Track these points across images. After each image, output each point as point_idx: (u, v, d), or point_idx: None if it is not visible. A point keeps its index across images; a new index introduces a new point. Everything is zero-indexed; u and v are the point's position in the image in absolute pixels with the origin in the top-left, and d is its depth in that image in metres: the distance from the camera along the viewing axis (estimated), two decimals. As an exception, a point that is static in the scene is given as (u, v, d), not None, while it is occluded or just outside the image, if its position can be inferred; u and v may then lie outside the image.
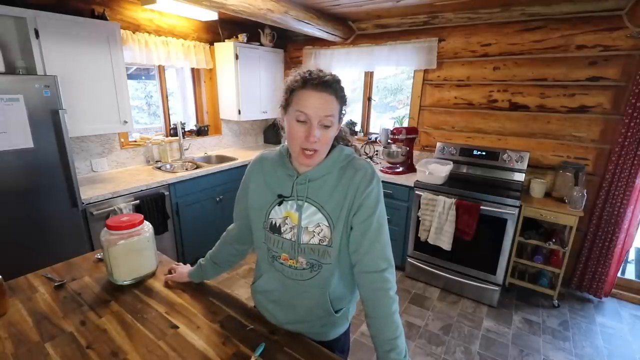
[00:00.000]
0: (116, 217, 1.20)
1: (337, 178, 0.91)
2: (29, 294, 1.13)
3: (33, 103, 1.80)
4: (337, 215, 0.90)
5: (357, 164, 0.92)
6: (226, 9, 2.14)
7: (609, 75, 2.38)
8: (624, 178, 2.34)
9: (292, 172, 0.93)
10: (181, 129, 3.19)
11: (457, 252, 2.56)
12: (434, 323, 2.37)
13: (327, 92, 0.82)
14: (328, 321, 1.00)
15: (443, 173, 2.62)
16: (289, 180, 0.93)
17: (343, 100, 0.88)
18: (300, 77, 0.84)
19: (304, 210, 0.91)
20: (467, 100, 2.95)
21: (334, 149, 0.93)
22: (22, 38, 1.99)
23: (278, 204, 0.94)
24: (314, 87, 0.82)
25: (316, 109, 0.82)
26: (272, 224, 0.95)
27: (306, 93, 0.82)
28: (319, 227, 0.91)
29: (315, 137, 0.82)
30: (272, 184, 0.96)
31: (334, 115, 0.84)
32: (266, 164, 1.00)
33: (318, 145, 0.84)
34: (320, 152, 0.87)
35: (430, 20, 2.92)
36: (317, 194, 0.91)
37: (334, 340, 1.05)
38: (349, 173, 0.90)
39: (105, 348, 0.91)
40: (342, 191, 0.89)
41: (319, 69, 0.85)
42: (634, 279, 2.78)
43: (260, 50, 3.49)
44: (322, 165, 0.91)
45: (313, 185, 0.91)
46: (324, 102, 0.82)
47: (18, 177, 1.81)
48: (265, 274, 1.04)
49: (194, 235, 2.86)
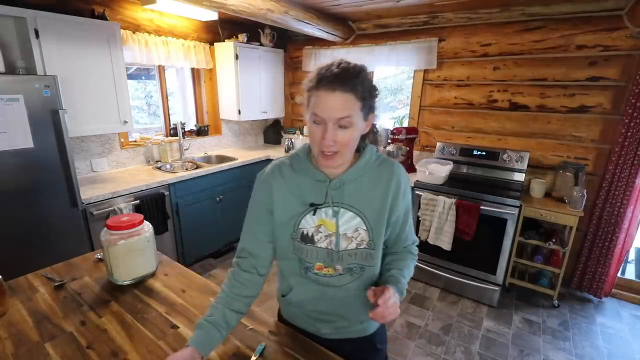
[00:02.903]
0: (116, 217, 1.20)
1: (372, 180, 0.87)
2: (29, 294, 1.13)
3: (33, 103, 1.80)
4: (376, 218, 0.87)
5: (391, 167, 0.89)
6: (226, 9, 2.14)
7: (609, 75, 2.38)
8: (624, 178, 2.34)
9: (322, 176, 0.86)
10: (181, 129, 3.19)
11: (457, 252, 2.56)
12: (434, 323, 2.37)
13: (342, 91, 0.74)
14: (366, 318, 0.94)
15: (443, 173, 2.62)
16: (320, 185, 0.86)
17: (367, 96, 0.79)
18: (316, 74, 0.77)
19: (340, 216, 0.86)
20: (467, 100, 2.95)
21: (366, 149, 0.88)
22: (22, 38, 1.99)
23: (312, 213, 0.87)
24: (327, 87, 0.74)
25: (330, 111, 0.75)
26: (302, 234, 0.88)
27: (319, 94, 0.76)
28: (357, 232, 0.87)
29: (329, 140, 0.76)
30: (299, 192, 0.88)
31: (352, 115, 0.76)
32: (286, 172, 0.90)
33: (336, 147, 0.78)
34: (342, 154, 0.81)
35: (430, 20, 2.92)
36: (354, 198, 0.86)
37: (374, 333, 1.03)
38: (385, 174, 0.88)
39: (105, 348, 0.91)
40: (381, 195, 0.87)
41: (340, 62, 0.77)
42: (634, 279, 2.78)
43: (260, 50, 3.49)
44: (356, 167, 0.86)
45: (348, 189, 0.86)
46: (339, 103, 0.74)
47: (18, 177, 1.81)
48: (298, 285, 0.95)
49: (194, 235, 2.86)
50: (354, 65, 0.77)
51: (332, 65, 0.76)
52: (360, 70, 0.77)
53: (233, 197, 3.14)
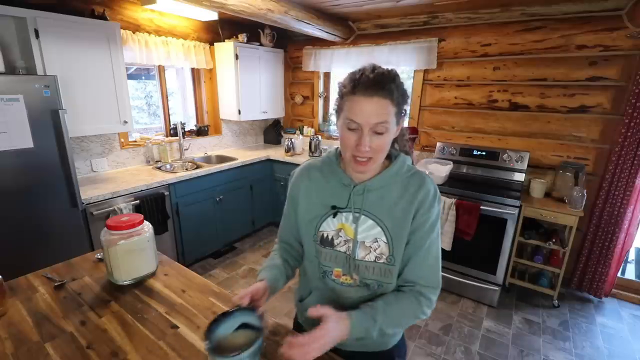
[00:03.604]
0: (116, 217, 1.20)
1: (399, 191, 0.84)
2: (29, 294, 1.13)
3: (33, 103, 1.80)
4: (397, 232, 0.83)
5: (421, 179, 0.85)
6: (226, 9, 2.14)
7: (609, 75, 2.38)
8: (624, 178, 2.34)
9: (348, 180, 0.86)
10: (181, 129, 3.19)
11: (457, 252, 2.55)
12: (434, 323, 2.37)
13: (379, 96, 0.73)
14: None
15: (443, 173, 2.62)
16: (345, 190, 0.86)
17: (401, 101, 0.78)
18: (350, 80, 0.77)
19: (360, 222, 0.85)
20: (467, 100, 2.95)
21: (397, 158, 0.86)
22: (22, 38, 1.99)
23: (332, 216, 0.87)
24: (364, 92, 0.73)
25: (367, 117, 0.74)
26: (322, 237, 0.89)
27: (355, 99, 0.74)
28: (376, 243, 0.85)
29: (366, 146, 0.75)
30: (323, 195, 0.89)
31: (388, 120, 0.75)
32: (314, 173, 0.92)
33: (371, 153, 0.77)
34: (376, 159, 0.80)
35: (430, 21, 2.92)
36: (376, 206, 0.84)
37: (395, 346, 0.99)
38: (413, 188, 0.83)
39: (105, 348, 0.91)
40: (405, 207, 0.83)
41: (374, 67, 0.76)
42: (634, 279, 2.78)
43: (260, 50, 3.49)
44: (382, 176, 0.84)
45: (372, 197, 0.84)
46: (376, 108, 0.73)
47: (18, 177, 1.81)
48: (316, 290, 0.96)
49: (194, 235, 2.86)
50: (390, 70, 0.77)
51: (367, 71, 0.75)
52: (396, 75, 0.77)
53: (233, 197, 3.15)
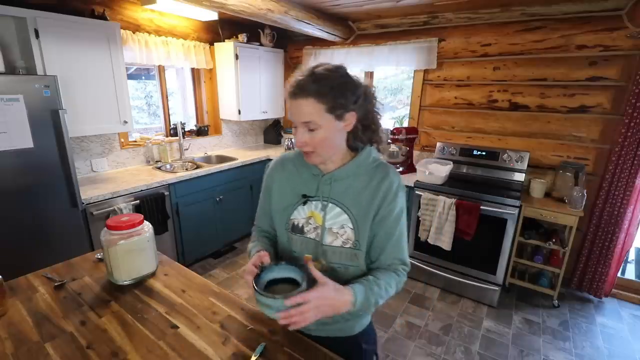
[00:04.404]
0: (116, 217, 1.20)
1: (364, 181, 0.90)
2: (29, 294, 1.13)
3: (33, 103, 1.80)
4: (362, 219, 0.89)
5: (386, 170, 0.91)
6: (226, 9, 2.14)
7: (609, 75, 2.38)
8: (624, 178, 2.34)
9: (317, 171, 0.93)
10: (181, 129, 3.19)
11: (457, 252, 2.56)
12: (434, 323, 2.37)
13: (301, 98, 0.80)
14: (351, 316, 0.98)
15: (443, 173, 2.62)
16: (314, 179, 0.93)
17: (332, 96, 0.80)
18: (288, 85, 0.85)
19: (328, 210, 0.91)
20: (467, 100, 2.95)
21: (363, 150, 0.91)
22: (22, 38, 1.99)
23: (302, 204, 0.93)
24: (290, 96, 0.83)
25: (296, 116, 0.83)
26: (294, 225, 0.95)
27: (288, 102, 0.84)
28: (342, 229, 0.90)
29: (299, 142, 0.84)
30: (295, 185, 0.96)
31: (315, 119, 0.81)
32: (288, 165, 0.99)
33: (309, 147, 0.85)
34: (319, 152, 0.86)
35: (430, 21, 2.92)
36: (343, 195, 0.90)
37: (361, 332, 1.03)
38: (377, 179, 0.89)
39: (105, 348, 0.91)
40: (369, 195, 0.89)
41: (309, 68, 0.83)
42: (634, 279, 2.78)
43: (260, 50, 3.49)
44: (348, 166, 0.90)
45: (338, 186, 0.91)
46: (299, 108, 0.81)
47: (18, 177, 1.81)
48: None
49: (194, 235, 2.86)
50: (322, 70, 0.82)
51: (297, 75, 0.83)
52: (322, 76, 0.81)
53: (233, 197, 3.14)
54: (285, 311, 0.75)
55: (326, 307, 0.78)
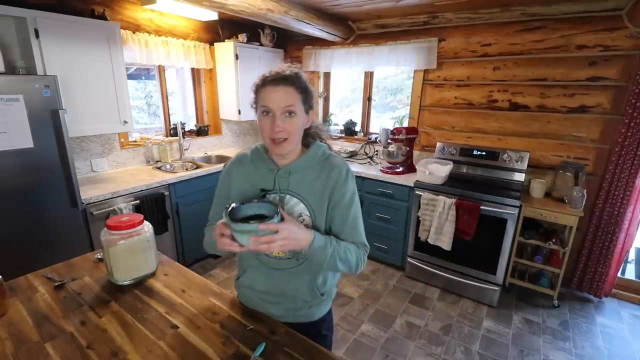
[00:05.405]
0: (116, 217, 1.20)
1: (316, 172, 0.99)
2: (29, 294, 1.13)
3: (33, 103, 1.80)
4: (318, 206, 0.97)
5: (334, 161, 1.00)
6: (226, 9, 2.14)
7: (609, 75, 2.38)
8: (624, 178, 2.34)
9: (273, 166, 0.99)
10: (181, 129, 3.19)
11: (457, 252, 2.56)
12: (434, 323, 2.37)
13: (284, 85, 0.90)
14: (314, 303, 1.07)
15: (443, 173, 2.62)
16: (271, 174, 1.00)
17: (304, 91, 0.93)
18: (260, 78, 0.94)
19: (286, 202, 0.98)
20: (467, 100, 2.95)
21: (313, 145, 1.01)
22: (22, 38, 1.99)
23: (262, 197, 0.99)
24: (272, 83, 0.90)
25: (277, 101, 0.89)
26: None
27: (267, 90, 0.91)
28: (301, 217, 0.98)
29: (279, 127, 0.89)
30: (253, 180, 1.02)
31: (295, 104, 0.91)
32: (244, 161, 1.05)
33: (284, 133, 0.91)
34: (291, 141, 0.93)
35: (430, 20, 2.92)
36: (298, 186, 0.98)
37: (321, 319, 1.11)
38: (327, 169, 0.98)
39: (105, 348, 0.91)
40: (321, 185, 0.97)
41: (280, 67, 0.94)
42: (634, 279, 2.78)
43: (260, 50, 3.49)
44: (301, 159, 0.98)
45: (294, 178, 0.98)
46: (282, 94, 0.90)
47: (18, 177, 1.82)
48: (250, 268, 1.07)
49: (194, 235, 2.86)
50: (293, 69, 0.94)
51: (273, 71, 0.93)
52: (298, 73, 0.94)
53: (233, 197, 3.14)
54: (257, 237, 0.81)
55: (292, 241, 0.84)
